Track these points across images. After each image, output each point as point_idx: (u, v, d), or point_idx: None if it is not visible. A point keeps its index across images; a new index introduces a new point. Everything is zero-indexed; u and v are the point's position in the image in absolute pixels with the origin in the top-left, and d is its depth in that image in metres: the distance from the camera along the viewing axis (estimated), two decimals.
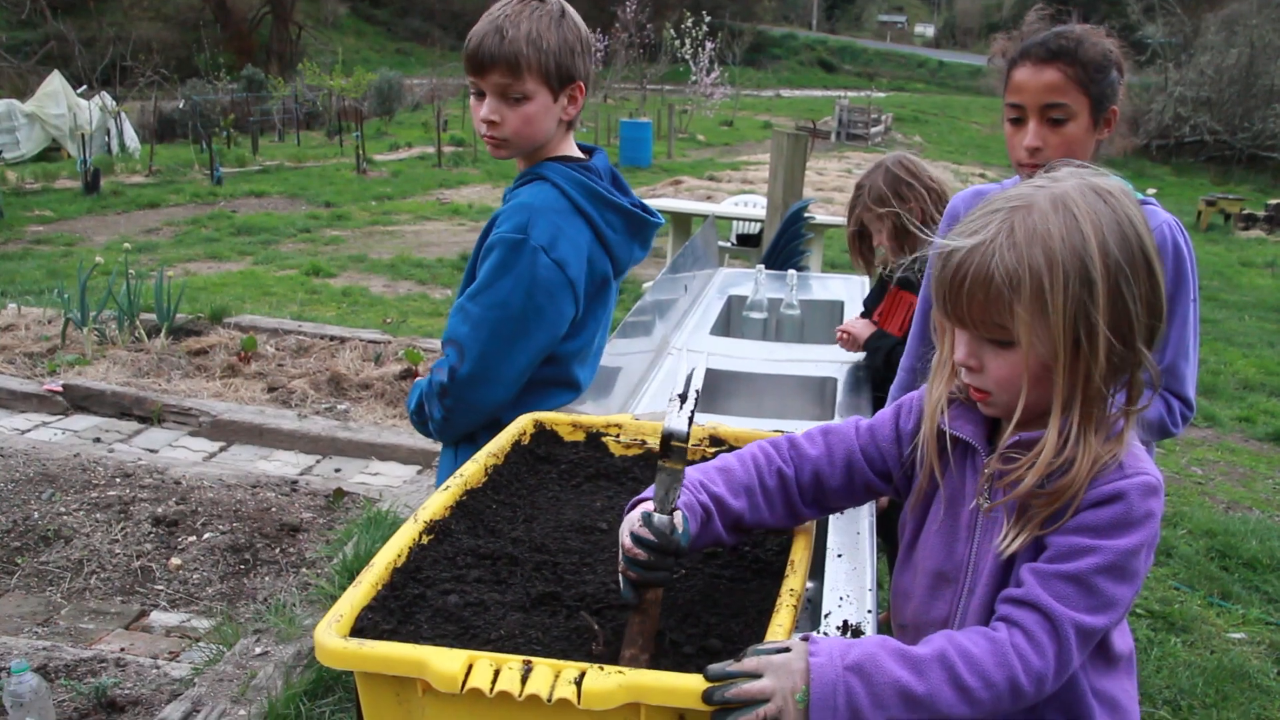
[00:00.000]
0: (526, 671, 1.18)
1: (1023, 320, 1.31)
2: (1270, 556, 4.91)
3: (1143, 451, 1.40)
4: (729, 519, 1.49)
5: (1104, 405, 1.35)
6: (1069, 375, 1.32)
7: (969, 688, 1.24)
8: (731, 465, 1.53)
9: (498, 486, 1.74)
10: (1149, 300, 1.33)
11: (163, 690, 3.45)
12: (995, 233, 1.33)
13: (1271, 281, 12.85)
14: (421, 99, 31.98)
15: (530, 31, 2.18)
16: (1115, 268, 1.30)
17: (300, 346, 7.55)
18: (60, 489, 4.91)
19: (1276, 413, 7.50)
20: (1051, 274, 1.29)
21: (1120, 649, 1.50)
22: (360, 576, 1.37)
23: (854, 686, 1.21)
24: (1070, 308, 1.29)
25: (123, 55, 26.83)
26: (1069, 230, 1.30)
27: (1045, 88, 2.10)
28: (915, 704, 1.22)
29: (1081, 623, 1.29)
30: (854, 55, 59.02)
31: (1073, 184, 1.36)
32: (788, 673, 1.21)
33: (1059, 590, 1.29)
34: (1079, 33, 2.10)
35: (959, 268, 1.35)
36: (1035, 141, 2.13)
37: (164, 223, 13.90)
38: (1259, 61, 25.41)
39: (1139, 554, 1.32)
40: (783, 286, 4.26)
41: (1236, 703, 3.76)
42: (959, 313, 1.37)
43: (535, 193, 2.27)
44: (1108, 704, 1.48)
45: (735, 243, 9.97)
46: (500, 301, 2.20)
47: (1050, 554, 1.33)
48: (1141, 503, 1.32)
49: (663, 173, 20.31)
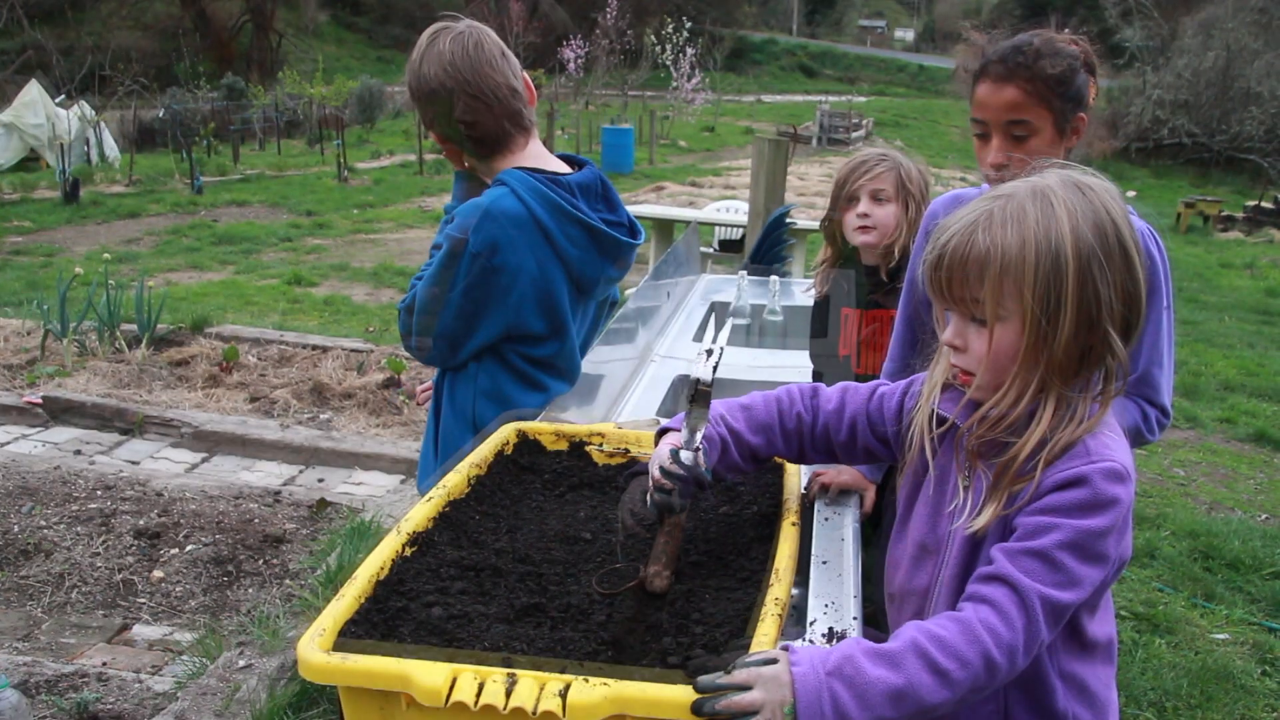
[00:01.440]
0: (511, 684, 1.18)
1: (993, 296, 1.39)
2: (1253, 557, 4.93)
3: (1115, 440, 1.43)
4: (745, 451, 1.68)
5: (1067, 383, 1.41)
6: (1034, 350, 1.39)
7: (945, 670, 1.27)
8: (755, 404, 1.72)
9: (481, 497, 1.73)
10: (1124, 288, 1.39)
11: (145, 704, 3.43)
12: (977, 218, 1.42)
13: (1250, 282, 12.94)
14: (403, 106, 31.88)
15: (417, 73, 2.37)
16: (1087, 253, 1.37)
17: (282, 356, 7.52)
18: (40, 502, 4.87)
19: (1257, 413, 7.54)
20: (1022, 253, 1.37)
21: (1096, 635, 1.53)
22: (343, 590, 1.36)
23: (838, 691, 1.24)
24: (1039, 287, 1.36)
25: (101, 64, 26.72)
26: (1043, 215, 1.38)
27: (1006, 106, 2.09)
28: (898, 697, 1.25)
29: (1047, 595, 1.32)
30: (835, 60, 59.19)
31: (1054, 178, 1.44)
32: (777, 685, 1.23)
33: (1025, 565, 1.33)
34: (1038, 45, 2.08)
35: (942, 248, 1.44)
36: (1000, 159, 2.13)
37: (144, 232, 13.83)
38: (1235, 64, 25.59)
39: (1105, 537, 1.35)
40: (765, 292, 4.26)
41: (1221, 703, 3.77)
42: (940, 290, 1.46)
43: (492, 197, 2.31)
44: (1075, 686, 1.52)
45: (718, 248, 9.99)
46: (438, 296, 2.34)
47: (1018, 534, 1.38)
48: (1105, 486, 1.36)
49: (645, 179, 20.31)
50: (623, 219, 2.48)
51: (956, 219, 1.45)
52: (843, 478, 2.20)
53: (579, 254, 2.37)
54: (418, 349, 2.46)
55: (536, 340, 2.41)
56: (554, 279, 2.36)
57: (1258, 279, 13.14)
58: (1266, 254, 14.99)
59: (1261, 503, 5.91)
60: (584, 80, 33.23)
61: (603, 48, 32.11)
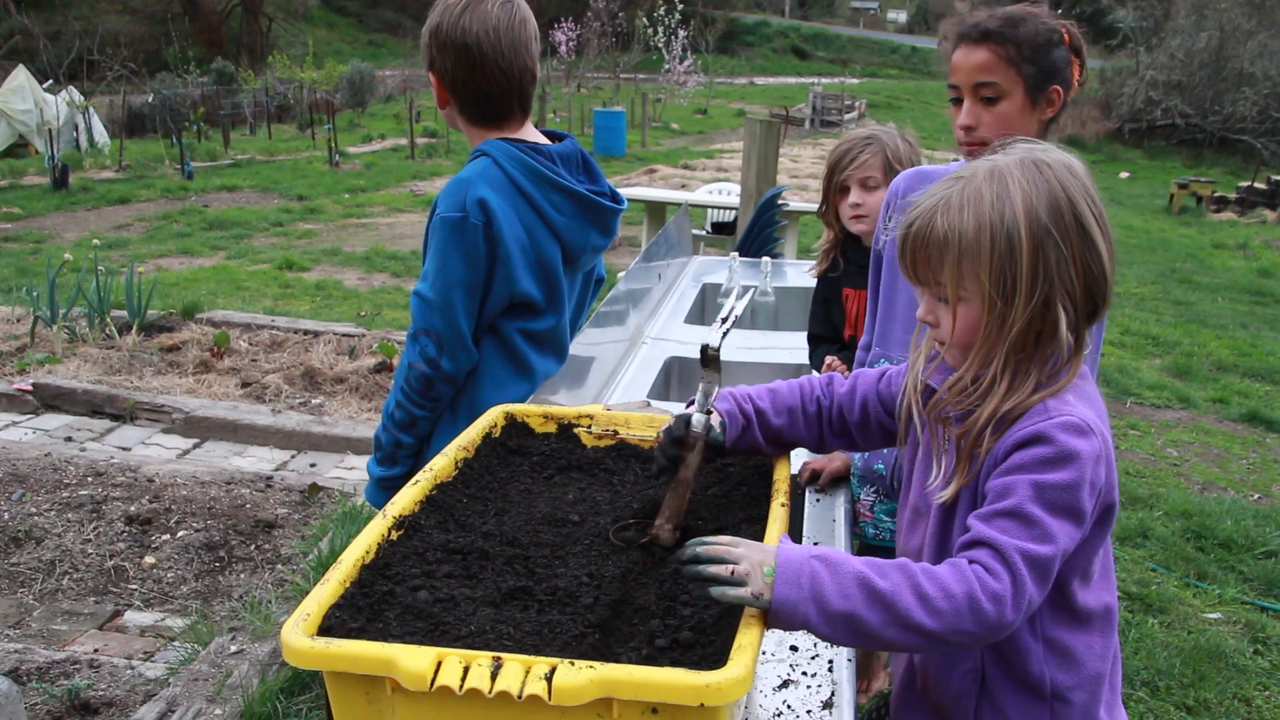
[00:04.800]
0: (496, 668, 1.16)
1: (953, 279, 1.45)
2: (1245, 536, 4.94)
3: (1079, 399, 1.46)
4: (769, 432, 1.73)
5: (1025, 357, 1.46)
6: (993, 326, 1.45)
7: (928, 595, 1.30)
8: (780, 388, 1.78)
9: (468, 480, 1.71)
10: (1083, 263, 1.43)
11: (137, 691, 3.41)
12: (937, 203, 1.47)
13: (1243, 263, 12.94)
14: (394, 90, 31.82)
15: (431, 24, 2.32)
16: (1041, 232, 1.41)
17: (274, 341, 7.50)
18: (31, 489, 4.85)
19: (1250, 393, 7.55)
20: (978, 235, 1.42)
21: (1089, 603, 1.55)
22: (328, 574, 1.35)
23: (818, 571, 1.31)
24: (995, 269, 1.42)
25: (90, 49, 26.57)
26: (998, 197, 1.43)
27: (976, 67, 2.11)
28: (877, 598, 1.29)
29: (1027, 550, 1.34)
30: (827, 42, 59.06)
31: (1014, 158, 1.48)
32: (760, 549, 1.33)
33: (1000, 525, 1.36)
34: (1019, 13, 2.10)
35: (907, 229, 1.50)
36: (968, 120, 2.15)
37: (134, 218, 13.77)
38: (1228, 45, 25.55)
39: (1074, 490, 1.37)
40: (757, 274, 4.24)
41: (1214, 682, 3.78)
42: (908, 272, 1.53)
43: (472, 168, 2.30)
44: (1059, 652, 1.55)
45: (710, 231, 9.96)
46: (453, 283, 2.26)
47: (989, 498, 1.42)
48: (1065, 439, 1.39)
49: (637, 161, 20.26)
50: (604, 188, 2.48)
51: (920, 203, 1.50)
52: (834, 464, 2.21)
53: (565, 220, 2.38)
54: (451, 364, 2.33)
55: (535, 313, 2.41)
56: (544, 244, 2.36)
57: (1250, 260, 13.15)
58: (1259, 235, 14.99)
59: (1254, 482, 5.92)
60: (576, 63, 33.12)
61: (594, 30, 32.01)
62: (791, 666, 1.62)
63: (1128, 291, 10.82)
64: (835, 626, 1.30)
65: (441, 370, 2.29)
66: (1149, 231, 14.89)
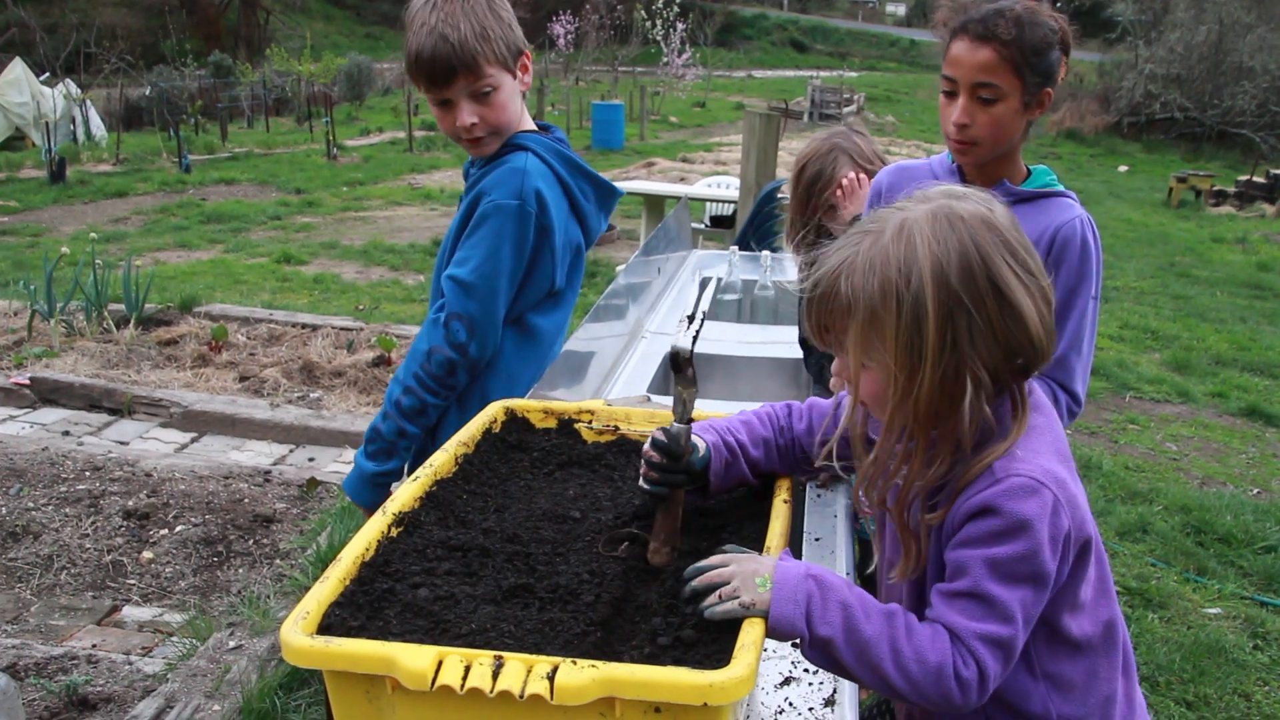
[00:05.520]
0: (498, 667, 1.15)
1: (855, 344, 1.36)
2: (1245, 531, 4.94)
3: (1027, 448, 1.38)
4: (751, 464, 1.68)
5: (932, 429, 1.37)
6: (898, 397, 1.35)
7: (903, 653, 1.28)
8: (752, 420, 1.73)
9: (468, 476, 1.70)
10: (1000, 330, 1.33)
11: (135, 686, 3.41)
12: (843, 260, 1.37)
13: (1242, 257, 12.93)
14: (392, 83, 31.73)
15: (473, 27, 2.17)
16: (950, 299, 1.31)
17: (272, 335, 7.48)
18: (28, 483, 4.84)
19: (1249, 388, 7.54)
20: (884, 302, 1.32)
21: (1085, 631, 1.50)
22: (327, 572, 1.34)
23: (813, 591, 1.30)
24: (902, 336, 1.32)
25: (87, 42, 26.45)
26: (905, 260, 1.32)
27: (978, 66, 2.09)
28: (855, 636, 1.29)
29: (987, 633, 1.30)
30: (826, 35, 58.99)
31: (925, 209, 1.36)
32: (753, 559, 1.33)
33: (960, 607, 1.32)
34: (1019, 12, 2.07)
35: (812, 291, 1.41)
36: (964, 118, 2.13)
37: (132, 211, 13.74)
38: (1228, 39, 25.51)
39: (1030, 559, 1.31)
40: (756, 268, 4.23)
41: (1213, 677, 3.78)
42: (814, 334, 1.44)
43: (523, 160, 2.27)
44: (1063, 686, 1.50)
45: (709, 224, 9.94)
46: (500, 270, 2.23)
47: (949, 572, 1.36)
48: (1012, 508, 1.31)
49: (635, 155, 20.23)
50: None
51: (826, 260, 1.40)
52: None
53: (590, 207, 2.41)
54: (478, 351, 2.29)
55: (558, 301, 2.43)
56: (573, 233, 2.39)
57: (1249, 254, 13.14)
58: (1258, 229, 14.98)
59: (1253, 477, 5.92)
60: (574, 56, 33.05)
61: (593, 23, 31.94)
62: (793, 664, 1.61)
63: (1126, 286, 10.82)
64: (815, 650, 1.31)
65: (469, 356, 2.26)
66: (1148, 225, 14.88)
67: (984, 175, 2.26)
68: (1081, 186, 18.19)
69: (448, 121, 2.30)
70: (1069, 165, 21.78)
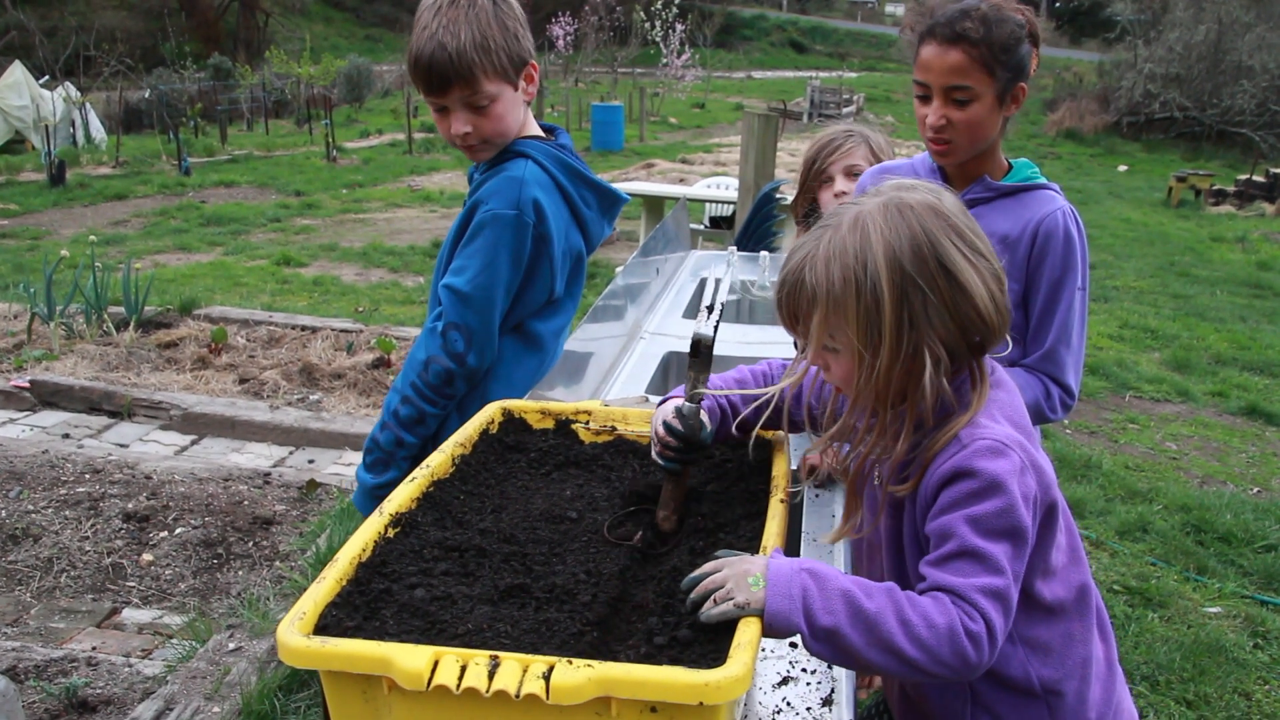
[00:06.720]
0: (493, 667, 1.15)
1: (820, 330, 1.45)
2: (1245, 530, 4.94)
3: (988, 415, 1.46)
4: (740, 421, 1.75)
5: (895, 405, 1.46)
6: (865, 375, 1.44)
7: (911, 621, 1.29)
8: (745, 378, 1.81)
9: (465, 476, 1.71)
10: (953, 306, 1.42)
11: (135, 689, 3.41)
12: (806, 253, 1.47)
13: (1242, 256, 12.93)
14: (391, 85, 31.74)
15: (474, 36, 2.14)
16: (905, 281, 1.40)
17: (271, 337, 7.48)
18: (28, 486, 4.84)
19: (1249, 387, 7.54)
20: (845, 288, 1.42)
21: (1058, 595, 1.56)
22: (324, 572, 1.34)
23: (808, 584, 1.31)
24: (860, 323, 1.42)
25: (86, 45, 26.46)
26: (860, 248, 1.42)
27: (949, 69, 2.09)
28: (861, 617, 1.30)
29: (985, 585, 1.34)
30: (825, 35, 58.96)
31: (877, 202, 1.46)
32: (745, 560, 1.35)
33: (954, 568, 1.36)
34: (985, 11, 2.07)
35: (778, 288, 1.51)
36: (939, 121, 2.14)
37: (132, 214, 13.74)
38: (1227, 38, 25.50)
39: (1009, 513, 1.37)
40: (755, 268, 4.23)
41: (1214, 676, 3.78)
42: (786, 324, 1.53)
43: (522, 169, 2.26)
44: (1040, 650, 1.56)
45: (708, 225, 9.95)
46: (497, 281, 2.21)
47: (933, 542, 1.41)
48: (985, 466, 1.38)
49: (635, 156, 20.24)
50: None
51: (791, 255, 1.50)
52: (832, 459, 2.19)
53: (592, 215, 2.39)
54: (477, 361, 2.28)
55: (558, 309, 2.42)
56: (575, 240, 2.37)
57: (1249, 253, 13.14)
58: (1258, 228, 14.98)
59: (1253, 476, 5.92)
60: (573, 57, 33.05)
61: (592, 25, 31.93)
62: (791, 663, 1.61)
63: (1126, 285, 10.82)
64: (820, 641, 1.31)
65: (466, 366, 2.24)
66: (1147, 225, 14.88)
67: (965, 173, 2.27)
68: (1081, 186, 18.20)
69: (445, 127, 2.30)
70: (1068, 165, 21.80)
